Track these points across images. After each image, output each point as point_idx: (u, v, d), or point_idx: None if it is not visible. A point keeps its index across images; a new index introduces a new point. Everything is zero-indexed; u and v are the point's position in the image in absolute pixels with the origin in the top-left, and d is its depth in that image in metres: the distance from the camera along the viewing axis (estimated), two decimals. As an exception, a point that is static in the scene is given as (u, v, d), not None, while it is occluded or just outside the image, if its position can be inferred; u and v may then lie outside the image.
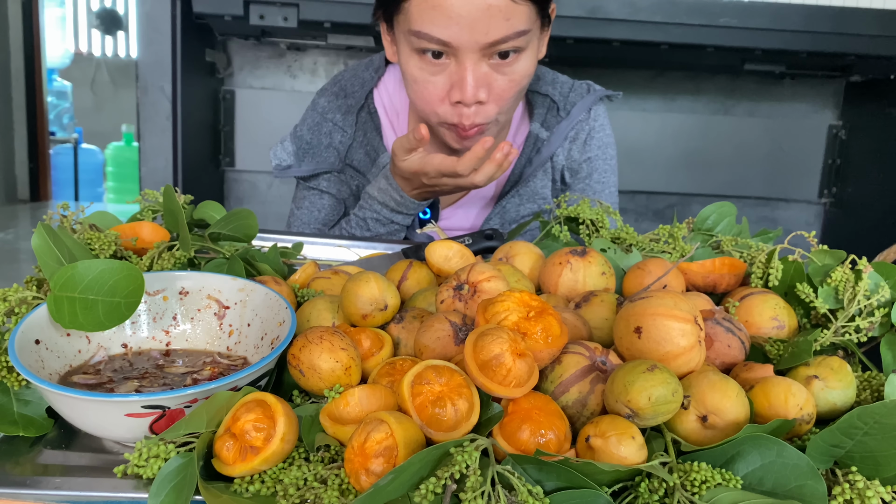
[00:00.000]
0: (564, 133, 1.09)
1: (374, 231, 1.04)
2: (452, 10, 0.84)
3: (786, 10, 1.67)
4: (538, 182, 1.10)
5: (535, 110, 1.10)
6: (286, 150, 1.13)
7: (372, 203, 1.02)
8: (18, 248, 1.82)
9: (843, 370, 0.51)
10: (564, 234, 0.79)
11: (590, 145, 1.12)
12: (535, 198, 1.10)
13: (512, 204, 1.10)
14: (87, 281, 0.51)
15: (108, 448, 0.50)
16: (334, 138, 1.11)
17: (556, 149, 1.10)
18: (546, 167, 1.10)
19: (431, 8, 0.86)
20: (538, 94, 1.11)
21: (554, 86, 1.12)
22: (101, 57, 5.91)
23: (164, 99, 1.74)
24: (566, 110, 1.10)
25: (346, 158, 1.11)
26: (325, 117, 1.12)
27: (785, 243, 0.67)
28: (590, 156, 1.12)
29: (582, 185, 1.12)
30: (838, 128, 2.18)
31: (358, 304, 0.58)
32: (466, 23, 0.85)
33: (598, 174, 1.13)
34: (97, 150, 5.22)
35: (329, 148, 1.11)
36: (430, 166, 0.92)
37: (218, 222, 0.74)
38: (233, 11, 1.64)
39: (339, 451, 0.46)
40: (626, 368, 0.46)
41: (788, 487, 0.41)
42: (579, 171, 1.12)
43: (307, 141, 1.12)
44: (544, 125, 1.10)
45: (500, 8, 0.85)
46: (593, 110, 1.12)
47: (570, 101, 1.10)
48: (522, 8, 0.87)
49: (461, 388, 0.45)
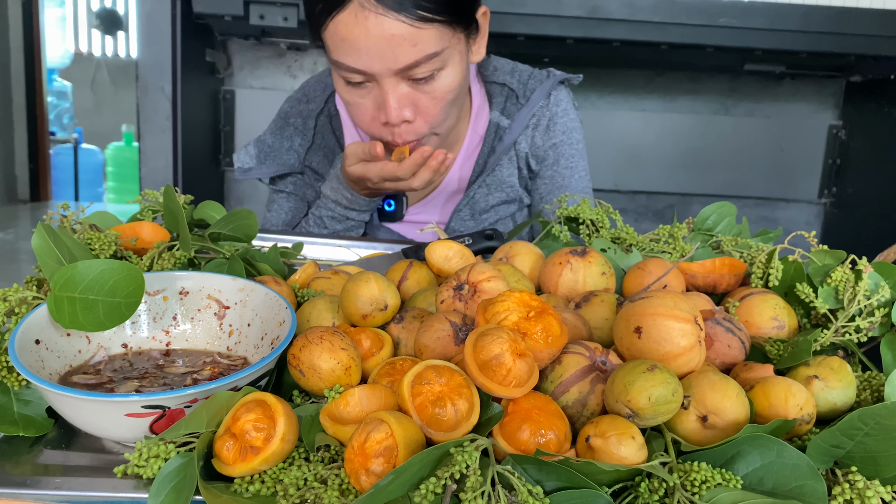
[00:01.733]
0: (525, 120, 1.10)
1: (332, 228, 1.08)
2: (359, 42, 0.87)
3: (786, 10, 1.67)
4: (504, 170, 1.12)
5: (493, 99, 1.11)
6: (249, 153, 1.18)
7: (326, 201, 1.07)
8: (18, 248, 1.82)
9: (843, 370, 0.51)
10: (564, 234, 0.79)
11: (553, 131, 1.12)
12: (503, 186, 1.12)
13: (480, 194, 1.12)
14: (88, 281, 0.51)
15: (108, 448, 0.50)
16: (294, 141, 1.15)
17: (517, 136, 1.11)
18: (510, 155, 1.12)
19: (342, 41, 0.88)
20: (495, 84, 1.12)
21: (512, 74, 1.13)
22: (101, 57, 5.91)
23: (164, 99, 1.74)
24: (525, 97, 1.11)
25: (304, 160, 1.16)
26: (286, 122, 1.17)
27: (785, 243, 0.67)
28: (554, 142, 1.12)
29: (550, 171, 1.13)
30: (838, 128, 2.18)
31: (358, 304, 0.58)
32: (374, 52, 0.87)
33: (564, 160, 1.13)
34: (97, 150, 5.22)
35: (290, 151, 1.16)
36: (372, 172, 0.97)
37: (218, 222, 0.74)
38: (233, 11, 1.64)
39: (339, 451, 0.46)
40: (626, 368, 0.46)
41: (788, 487, 0.41)
42: (546, 158, 1.13)
43: (269, 144, 1.17)
44: (504, 113, 1.11)
45: (403, 36, 0.86)
46: (553, 95, 1.12)
47: (530, 88, 1.11)
48: (429, 32, 0.88)
49: (461, 388, 0.45)
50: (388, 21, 0.85)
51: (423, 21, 0.86)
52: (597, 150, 1.18)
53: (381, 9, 0.84)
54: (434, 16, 0.87)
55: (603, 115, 2.15)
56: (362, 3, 0.84)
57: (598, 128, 2.12)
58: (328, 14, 0.87)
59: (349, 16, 0.86)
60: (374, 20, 0.85)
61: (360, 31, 0.86)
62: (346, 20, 0.86)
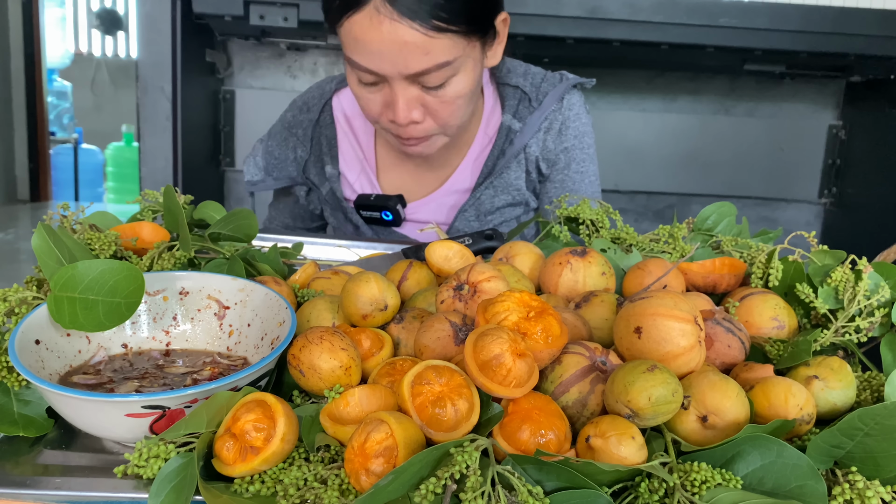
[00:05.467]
0: (537, 124, 1.10)
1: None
2: (372, 44, 0.87)
3: (786, 10, 1.67)
4: (511, 173, 1.12)
5: (506, 102, 1.11)
6: (257, 165, 1.19)
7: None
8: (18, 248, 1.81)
9: (843, 370, 0.51)
10: (564, 235, 0.79)
11: (565, 135, 1.12)
12: (510, 189, 1.12)
13: (486, 195, 1.12)
14: (88, 281, 0.51)
15: (108, 448, 0.50)
16: (297, 153, 1.17)
17: (528, 140, 1.11)
18: (519, 158, 1.12)
19: (355, 40, 0.88)
20: (508, 87, 1.12)
21: (525, 77, 1.12)
22: (101, 57, 5.90)
23: (164, 99, 1.74)
24: (538, 101, 1.11)
25: (304, 171, 1.18)
26: (290, 131, 1.18)
27: (785, 243, 0.67)
28: (566, 146, 1.12)
29: (561, 175, 1.13)
30: (838, 128, 2.17)
31: (358, 304, 0.58)
32: (387, 56, 0.87)
33: (576, 164, 1.13)
34: (97, 151, 5.21)
35: (293, 162, 1.17)
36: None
37: (218, 222, 0.74)
38: (233, 11, 1.64)
39: (339, 452, 0.46)
40: (626, 368, 0.46)
41: (788, 487, 0.41)
42: (557, 162, 1.13)
43: (276, 156, 1.18)
44: (516, 116, 1.11)
45: (416, 44, 0.86)
46: (566, 99, 1.12)
47: (542, 92, 1.11)
48: (442, 41, 0.87)
49: (461, 389, 0.45)
50: (403, 28, 0.85)
51: (438, 31, 0.86)
52: (597, 150, 1.19)
53: (396, 15, 0.84)
54: (449, 25, 0.87)
55: (603, 115, 2.15)
56: (378, 8, 0.85)
57: (598, 128, 2.09)
58: (344, 13, 0.88)
59: (364, 18, 0.86)
60: (388, 25, 0.85)
61: (374, 34, 0.86)
62: (362, 21, 0.86)
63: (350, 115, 1.16)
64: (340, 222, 1.18)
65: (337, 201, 1.15)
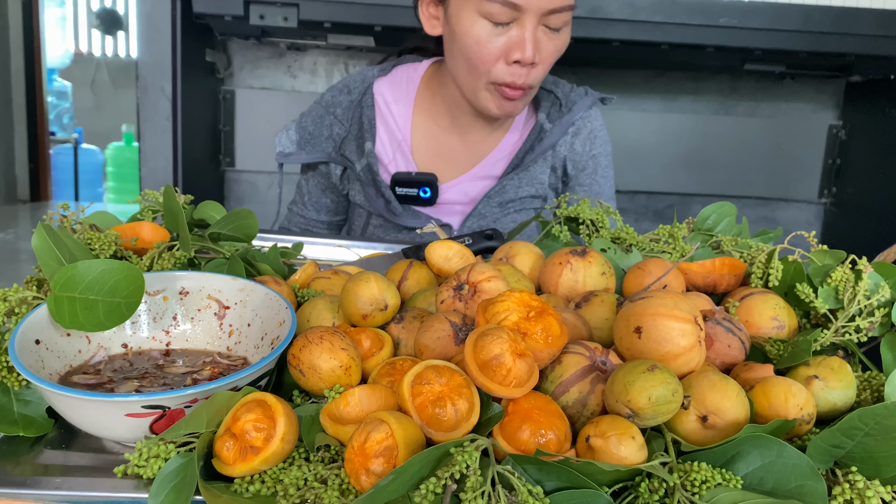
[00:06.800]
0: (565, 127, 1.21)
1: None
2: None
3: (786, 10, 1.66)
4: (538, 168, 1.22)
5: (541, 103, 1.22)
6: (290, 138, 1.24)
7: None
8: (18, 248, 1.81)
9: (843, 370, 0.51)
10: (564, 235, 0.79)
11: (594, 143, 1.24)
12: (534, 182, 1.22)
13: (511, 185, 1.20)
14: (88, 281, 0.51)
15: (108, 448, 0.50)
16: (333, 130, 1.23)
17: (557, 140, 1.21)
18: (546, 156, 1.22)
19: None
20: (543, 90, 1.23)
21: (556, 85, 1.25)
22: (101, 57, 5.90)
23: (164, 99, 1.74)
24: (567, 107, 1.23)
25: (340, 149, 1.23)
26: (328, 111, 1.23)
27: (785, 243, 0.67)
28: (594, 153, 1.24)
29: (589, 179, 1.25)
30: (838, 128, 2.17)
31: (358, 304, 0.58)
32: None
33: (602, 170, 1.26)
34: (97, 150, 5.21)
35: (328, 139, 1.22)
36: None
37: (218, 222, 0.74)
38: (233, 11, 1.64)
39: (339, 451, 0.46)
40: (626, 368, 0.46)
41: (789, 487, 0.41)
42: (586, 167, 1.24)
43: (310, 132, 1.23)
44: (549, 118, 1.21)
45: None
46: (594, 110, 1.25)
47: (571, 100, 1.23)
48: None
49: (461, 388, 0.45)
50: None
51: None
52: (597, 150, 1.27)
53: None
54: None
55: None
56: None
57: (598, 128, 2.11)
58: None
59: None
60: None
61: None
62: None
63: (389, 101, 1.22)
64: (371, 198, 1.22)
65: (372, 175, 1.19)
